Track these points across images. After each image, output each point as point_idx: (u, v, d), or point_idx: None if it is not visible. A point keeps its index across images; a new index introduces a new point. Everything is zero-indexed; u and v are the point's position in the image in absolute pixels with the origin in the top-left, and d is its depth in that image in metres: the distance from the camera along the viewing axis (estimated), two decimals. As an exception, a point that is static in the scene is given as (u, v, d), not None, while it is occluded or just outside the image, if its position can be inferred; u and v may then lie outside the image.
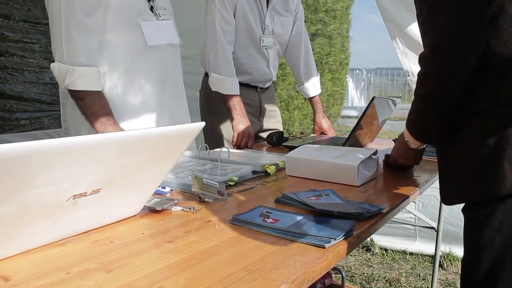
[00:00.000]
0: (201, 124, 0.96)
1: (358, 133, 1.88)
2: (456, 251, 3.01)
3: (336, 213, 1.00)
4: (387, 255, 3.22)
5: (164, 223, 0.99)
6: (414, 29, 2.66)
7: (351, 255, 3.20)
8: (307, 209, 1.06)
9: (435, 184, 2.21)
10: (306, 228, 0.93)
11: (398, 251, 3.24)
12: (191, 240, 0.88)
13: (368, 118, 1.84)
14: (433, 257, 2.76)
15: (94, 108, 1.51)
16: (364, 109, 1.81)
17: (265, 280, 0.71)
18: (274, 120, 2.47)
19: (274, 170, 1.49)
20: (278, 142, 2.09)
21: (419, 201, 3.08)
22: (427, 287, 2.80)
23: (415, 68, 2.75)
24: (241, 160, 1.64)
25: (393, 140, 1.68)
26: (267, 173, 1.47)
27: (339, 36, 7.95)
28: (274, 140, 2.10)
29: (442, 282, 2.85)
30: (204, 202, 1.14)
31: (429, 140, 1.25)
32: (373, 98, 1.79)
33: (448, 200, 1.14)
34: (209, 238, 0.89)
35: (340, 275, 2.53)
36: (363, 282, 2.89)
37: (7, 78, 2.59)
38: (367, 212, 1.03)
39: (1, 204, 0.70)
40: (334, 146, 1.70)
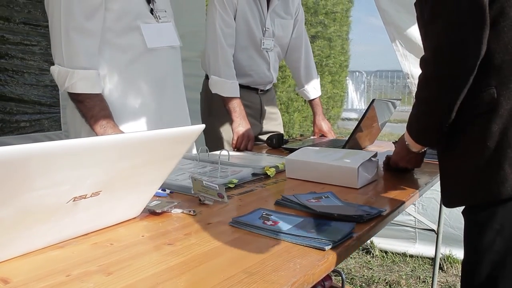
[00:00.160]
0: (201, 126, 0.96)
1: (358, 135, 1.88)
2: (456, 253, 3.01)
3: (336, 215, 1.00)
4: (387, 258, 3.22)
5: (164, 225, 0.99)
6: (414, 31, 2.66)
7: (351, 258, 3.20)
8: (307, 211, 1.06)
9: (435, 187, 2.21)
10: (306, 230, 0.93)
11: (398, 254, 3.24)
12: (191, 243, 0.88)
13: (368, 120, 1.84)
14: (433, 259, 2.76)
15: (93, 111, 1.51)
16: (364, 111, 1.81)
17: (265, 282, 0.71)
18: (275, 123, 2.47)
19: (274, 172, 1.49)
20: (278, 144, 2.09)
21: (419, 203, 3.08)
22: (427, 289, 2.80)
23: (415, 71, 2.75)
24: (241, 162, 1.64)
25: (393, 142, 1.68)
26: (267, 175, 1.47)
27: (339, 38, 7.96)
28: (274, 142, 2.10)
29: (442, 284, 2.85)
30: (204, 204, 1.14)
31: (430, 144, 1.25)
32: (373, 100, 1.79)
33: (449, 203, 1.14)
34: (209, 241, 0.89)
35: (340, 278, 2.52)
36: (363, 284, 2.88)
37: (7, 80, 2.59)
38: (367, 214, 1.03)
39: (1, 206, 0.70)
40: (334, 148, 1.70)
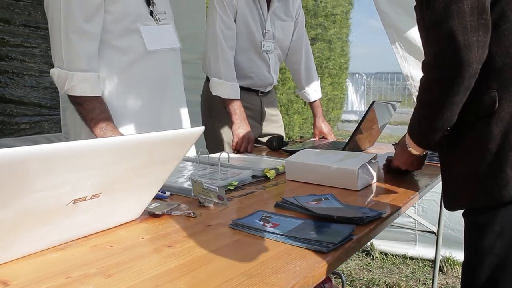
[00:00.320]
0: (201, 128, 0.96)
1: (358, 137, 1.88)
2: (456, 255, 3.01)
3: (336, 217, 1.00)
4: (387, 260, 3.21)
5: (164, 227, 0.99)
6: (414, 33, 2.66)
7: (351, 260, 3.20)
8: (307, 213, 1.06)
9: (435, 189, 2.21)
10: (306, 232, 0.93)
11: (398, 256, 3.24)
12: (191, 245, 0.88)
13: (368, 122, 1.84)
14: (433, 261, 2.75)
15: (93, 113, 1.51)
16: (364, 113, 1.81)
17: (265, 285, 0.71)
18: (276, 125, 2.47)
19: (274, 174, 1.49)
20: (278, 146, 2.10)
21: (419, 205, 3.08)
22: (427, 291, 2.80)
23: (415, 73, 2.75)
24: (241, 164, 1.64)
25: (393, 144, 1.68)
26: (267, 177, 1.47)
27: (339, 40, 7.97)
28: (274, 144, 2.10)
29: (442, 286, 2.85)
30: (204, 206, 1.14)
31: (432, 147, 1.25)
32: (372, 102, 1.79)
33: (451, 206, 1.14)
34: (208, 243, 0.89)
35: (340, 280, 2.52)
36: (363, 286, 2.88)
37: (8, 82, 2.59)
38: (367, 216, 1.03)
39: (1, 208, 0.70)
40: (334, 150, 1.70)
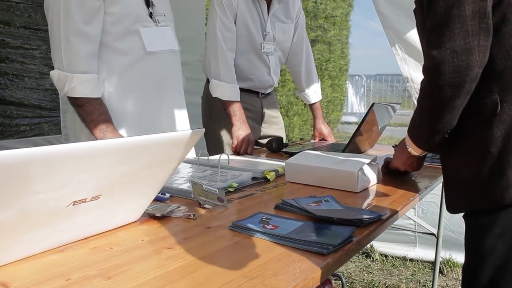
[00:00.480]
0: (201, 130, 0.96)
1: (358, 139, 1.88)
2: (456, 257, 3.00)
3: (336, 219, 1.00)
4: (387, 261, 3.21)
5: (163, 229, 0.99)
6: (414, 35, 2.66)
7: (351, 262, 3.20)
8: (307, 215, 1.06)
9: (434, 190, 2.21)
10: (306, 234, 0.93)
11: (398, 257, 3.23)
12: (191, 247, 0.88)
13: (367, 124, 1.84)
14: (433, 263, 2.75)
15: (93, 115, 1.51)
16: (363, 115, 1.81)
17: (265, 287, 0.71)
18: (276, 127, 2.47)
19: (274, 176, 1.49)
20: (278, 148, 2.09)
21: (418, 207, 3.08)
22: (428, 293, 2.79)
23: (415, 75, 2.75)
24: (240, 166, 1.64)
25: (393, 146, 1.68)
26: (266, 179, 1.47)
27: (339, 42, 7.98)
28: (274, 146, 2.10)
29: (443, 288, 2.85)
30: (203, 208, 1.14)
31: (432, 149, 1.25)
32: (372, 104, 1.79)
33: (452, 208, 1.14)
34: (208, 245, 0.89)
35: (340, 282, 2.52)
36: (363, 288, 2.88)
37: (7, 84, 2.59)
38: (366, 218, 1.03)
39: (1, 210, 0.70)
40: (334, 152, 1.70)
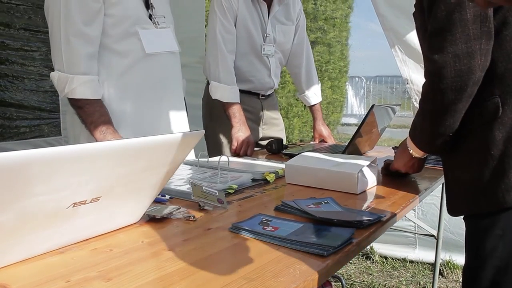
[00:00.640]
0: (200, 132, 0.96)
1: (358, 141, 1.88)
2: (456, 259, 3.00)
3: (335, 221, 1.00)
4: (387, 263, 3.21)
5: (163, 231, 0.99)
6: (413, 37, 2.66)
7: (351, 263, 3.19)
8: (307, 217, 1.06)
9: (434, 192, 2.21)
10: (306, 236, 0.93)
11: (398, 259, 3.23)
12: (190, 248, 0.88)
13: (367, 126, 1.84)
14: (433, 265, 2.75)
15: (93, 117, 1.52)
16: (363, 117, 1.81)
17: (264, 288, 0.71)
18: (277, 128, 2.47)
19: (274, 178, 1.49)
20: (278, 149, 2.09)
21: (418, 208, 3.08)
22: (428, 295, 2.79)
23: (414, 76, 2.75)
24: (240, 168, 1.64)
25: (392, 148, 1.68)
26: (266, 181, 1.47)
27: (339, 44, 7.98)
28: (274, 147, 2.10)
29: (443, 290, 2.84)
30: (203, 210, 1.14)
31: (433, 151, 1.25)
32: (372, 106, 1.79)
33: (454, 211, 1.14)
34: (208, 246, 0.89)
35: (340, 283, 2.52)
36: (363, 290, 2.88)
37: (7, 86, 2.59)
38: (366, 220, 1.03)
39: (1, 212, 0.70)
40: (334, 153, 1.70)
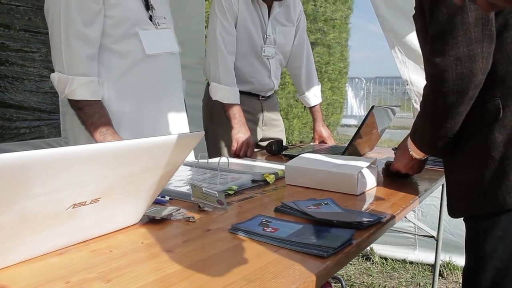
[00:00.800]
0: (200, 133, 0.96)
1: (358, 142, 1.88)
2: (456, 260, 3.00)
3: (335, 222, 1.00)
4: (387, 264, 3.21)
5: (163, 232, 0.99)
6: (413, 38, 2.66)
7: (350, 264, 3.19)
8: (307, 218, 1.06)
9: (434, 193, 2.21)
10: (306, 237, 0.93)
11: (398, 260, 3.23)
12: (190, 250, 0.88)
13: (367, 127, 1.84)
14: (433, 266, 2.75)
15: (93, 118, 1.52)
16: (363, 118, 1.82)
17: (264, 289, 0.71)
18: (277, 129, 2.47)
19: (274, 179, 1.49)
20: (278, 151, 2.09)
21: (418, 210, 3.08)
22: (428, 296, 2.79)
23: (414, 77, 2.76)
24: (240, 169, 1.64)
25: (392, 149, 1.68)
26: (266, 182, 1.47)
27: (338, 45, 7.98)
28: (274, 149, 2.10)
29: (443, 291, 2.84)
30: (203, 211, 1.14)
31: (434, 153, 1.25)
32: (372, 107, 1.79)
33: (454, 213, 1.14)
34: (208, 248, 0.89)
35: (340, 284, 2.52)
36: (363, 291, 2.88)
37: (7, 87, 2.59)
38: (366, 221, 1.03)
39: (1, 213, 0.70)
40: (334, 155, 1.70)
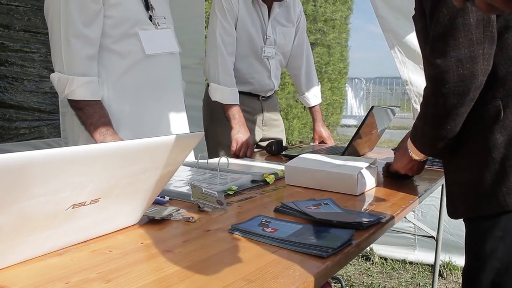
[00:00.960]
0: (200, 133, 0.96)
1: (357, 142, 1.88)
2: (456, 260, 3.00)
3: (335, 222, 1.00)
4: (386, 264, 3.21)
5: (163, 232, 0.99)
6: (413, 38, 2.66)
7: (350, 264, 3.19)
8: (307, 218, 1.06)
9: (434, 193, 2.21)
10: (306, 237, 0.93)
11: (398, 260, 3.23)
12: (190, 250, 0.88)
13: (367, 127, 1.84)
14: (433, 266, 2.75)
15: (93, 118, 1.51)
16: (363, 118, 1.82)
17: (264, 290, 0.71)
18: (277, 130, 2.48)
19: (274, 179, 1.49)
20: (278, 151, 2.09)
21: (418, 210, 3.08)
22: (427, 296, 2.79)
23: (414, 77, 2.76)
24: (240, 169, 1.64)
25: (392, 149, 1.68)
26: (266, 182, 1.47)
27: (338, 45, 7.98)
28: (274, 149, 2.10)
29: (442, 291, 2.84)
30: (203, 211, 1.14)
31: (434, 154, 1.25)
32: (372, 107, 1.79)
33: (455, 213, 1.14)
34: (208, 248, 0.89)
35: (340, 285, 2.52)
36: (363, 291, 2.88)
37: (7, 87, 2.59)
38: (366, 221, 1.03)
39: (0, 213, 0.70)
40: (333, 155, 1.70)
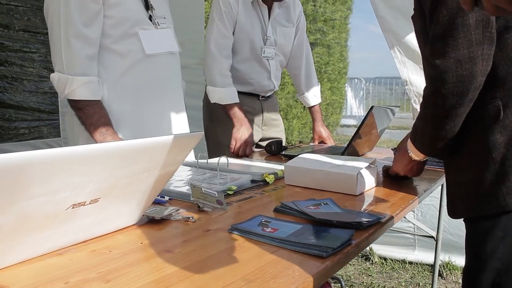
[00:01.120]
0: (200, 133, 0.96)
1: (357, 142, 1.88)
2: (456, 260, 3.00)
3: (335, 222, 1.00)
4: (386, 264, 3.21)
5: (162, 232, 0.99)
6: (412, 38, 2.67)
7: (350, 264, 3.19)
8: (306, 218, 1.06)
9: (434, 193, 2.21)
10: (305, 237, 0.93)
11: (398, 260, 3.23)
12: (190, 250, 0.88)
13: (367, 127, 1.84)
14: (432, 266, 2.75)
15: (93, 118, 1.51)
16: (363, 118, 1.82)
17: (264, 290, 0.71)
18: (277, 129, 2.48)
19: (273, 179, 1.49)
20: (277, 151, 2.09)
21: (418, 210, 3.08)
22: (427, 296, 2.79)
23: (413, 77, 2.76)
24: (240, 169, 1.64)
25: (392, 149, 1.68)
26: (266, 182, 1.47)
27: (338, 45, 7.98)
28: (273, 149, 2.10)
29: (442, 291, 2.84)
30: (203, 211, 1.14)
31: (434, 154, 1.25)
32: (371, 107, 1.79)
33: (455, 213, 1.14)
34: (207, 248, 0.89)
35: (339, 285, 2.52)
36: (363, 291, 2.88)
37: (7, 87, 2.59)
38: (366, 221, 1.03)
39: (0, 213, 0.70)
40: (333, 155, 1.70)
